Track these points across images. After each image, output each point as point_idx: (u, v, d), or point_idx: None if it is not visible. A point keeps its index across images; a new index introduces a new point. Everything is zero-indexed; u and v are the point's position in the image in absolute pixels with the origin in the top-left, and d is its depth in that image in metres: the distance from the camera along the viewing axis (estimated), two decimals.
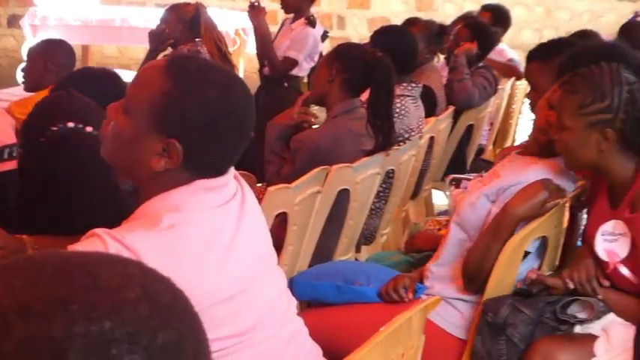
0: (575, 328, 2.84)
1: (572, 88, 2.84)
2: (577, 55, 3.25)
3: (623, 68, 2.84)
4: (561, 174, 3.07)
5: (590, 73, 2.83)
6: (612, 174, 2.88)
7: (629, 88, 2.80)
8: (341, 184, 3.85)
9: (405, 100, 4.96)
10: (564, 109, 2.85)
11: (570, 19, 11.38)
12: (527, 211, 2.92)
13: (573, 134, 2.84)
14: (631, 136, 2.81)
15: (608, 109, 2.79)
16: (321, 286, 3.21)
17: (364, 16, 11.77)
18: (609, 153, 2.83)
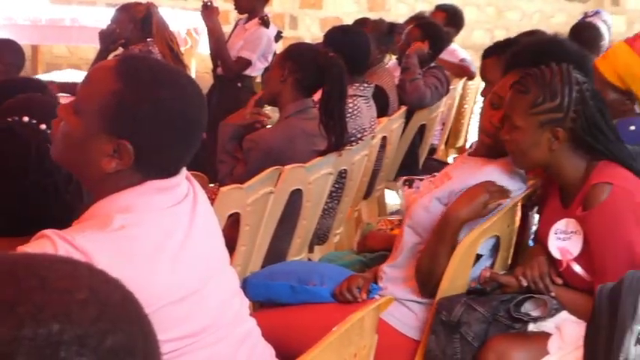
0: (529, 326, 2.86)
1: (523, 88, 2.86)
2: (520, 51, 3.26)
3: (573, 68, 2.86)
4: (512, 174, 3.09)
5: (541, 73, 2.85)
6: (563, 173, 2.90)
7: (579, 88, 2.82)
8: (294, 185, 3.85)
9: (357, 101, 4.96)
10: (515, 109, 2.86)
11: (521, 19, 11.46)
12: (469, 213, 2.94)
13: (524, 134, 2.86)
14: (581, 135, 2.83)
15: (558, 108, 2.81)
16: (274, 287, 3.20)
17: (316, 16, 11.77)
18: (560, 152, 2.85)
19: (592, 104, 2.83)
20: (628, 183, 2.79)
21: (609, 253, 2.71)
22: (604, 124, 2.84)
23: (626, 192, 2.75)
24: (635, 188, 2.78)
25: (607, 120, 2.86)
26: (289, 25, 11.69)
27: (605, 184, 2.76)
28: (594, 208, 2.75)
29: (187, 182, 2.10)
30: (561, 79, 2.83)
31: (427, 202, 3.08)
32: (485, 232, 2.98)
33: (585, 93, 2.83)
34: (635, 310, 2.32)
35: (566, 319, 2.83)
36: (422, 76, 6.20)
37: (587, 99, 2.82)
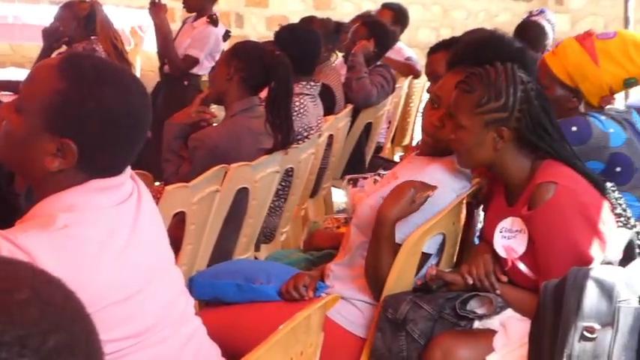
0: (475, 323, 2.87)
1: (468, 88, 2.87)
2: (460, 49, 3.28)
3: (517, 68, 2.89)
4: (456, 172, 3.10)
5: (486, 73, 2.86)
6: (508, 172, 2.92)
7: (524, 87, 2.84)
8: (240, 183, 3.84)
9: (303, 99, 4.97)
10: (460, 109, 2.88)
11: (466, 18, 11.55)
12: (398, 212, 2.95)
13: (469, 133, 2.87)
14: (526, 134, 2.85)
15: (503, 108, 2.83)
16: (220, 285, 3.18)
17: (262, 14, 11.76)
18: (505, 152, 2.87)
19: (537, 104, 2.85)
20: (572, 182, 2.81)
21: (554, 252, 2.73)
22: (548, 123, 2.86)
23: (570, 191, 2.78)
24: (579, 187, 2.80)
25: (551, 119, 2.88)
26: (235, 24, 11.66)
27: (550, 184, 2.78)
28: (539, 207, 2.77)
29: (132, 181, 2.09)
30: (506, 78, 2.85)
31: (373, 202, 3.09)
32: (431, 230, 2.99)
33: (530, 92, 2.85)
34: (578, 307, 2.34)
35: (511, 316, 2.85)
36: (368, 74, 6.22)
37: (531, 98, 2.84)
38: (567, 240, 2.73)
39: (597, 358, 2.33)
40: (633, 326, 2.33)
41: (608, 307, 2.33)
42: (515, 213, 2.88)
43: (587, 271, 2.39)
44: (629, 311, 2.32)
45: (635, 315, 2.33)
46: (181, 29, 6.95)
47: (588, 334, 2.33)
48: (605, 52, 3.44)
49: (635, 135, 3.43)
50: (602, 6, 11.75)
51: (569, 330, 2.34)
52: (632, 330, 2.33)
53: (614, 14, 11.14)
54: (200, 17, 6.78)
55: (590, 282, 2.35)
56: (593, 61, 3.42)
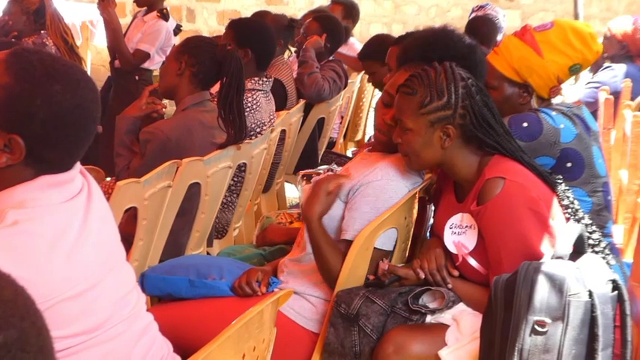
0: (427, 317, 2.88)
1: (410, 90, 2.89)
2: (409, 46, 3.29)
3: (455, 65, 2.90)
4: (407, 168, 3.10)
5: (425, 74, 2.88)
6: (457, 169, 2.93)
7: (465, 84, 2.86)
8: (192, 178, 3.82)
9: (256, 94, 4.96)
10: (404, 112, 2.89)
11: (418, 13, 11.59)
12: (319, 208, 2.98)
13: (416, 135, 2.89)
14: (471, 130, 2.87)
15: (446, 106, 2.85)
16: (173, 281, 3.17)
17: (214, 8, 11.72)
18: (452, 149, 2.89)
19: (479, 99, 2.87)
20: (520, 177, 2.83)
21: (504, 247, 2.75)
22: (492, 118, 2.88)
23: (518, 186, 2.79)
24: (527, 182, 2.82)
25: (495, 114, 2.90)
26: (187, 18, 11.61)
27: (499, 179, 2.80)
28: (488, 202, 2.79)
29: (82, 177, 2.07)
30: (446, 76, 2.87)
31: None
32: (382, 224, 2.99)
33: (471, 88, 2.87)
34: (529, 301, 2.36)
35: (463, 310, 2.86)
36: (320, 69, 6.22)
37: (473, 94, 2.86)
38: (517, 235, 2.75)
39: (548, 351, 2.35)
40: (583, 320, 2.35)
41: (559, 301, 2.35)
42: (464, 209, 2.89)
43: (538, 265, 2.40)
44: (579, 305, 2.35)
45: (585, 309, 2.35)
46: (132, 23, 6.91)
47: (539, 328, 2.35)
48: (547, 42, 3.47)
49: (586, 130, 3.46)
50: (552, 2, 11.85)
51: (520, 324, 2.36)
52: (582, 323, 2.35)
53: (564, 10, 11.26)
54: (150, 11, 6.74)
55: (540, 276, 2.36)
56: (536, 53, 3.45)
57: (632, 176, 5.12)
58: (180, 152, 3.84)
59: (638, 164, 5.12)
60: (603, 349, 2.35)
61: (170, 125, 4.05)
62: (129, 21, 7.07)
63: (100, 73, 7.90)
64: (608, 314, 2.37)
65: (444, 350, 2.79)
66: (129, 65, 6.57)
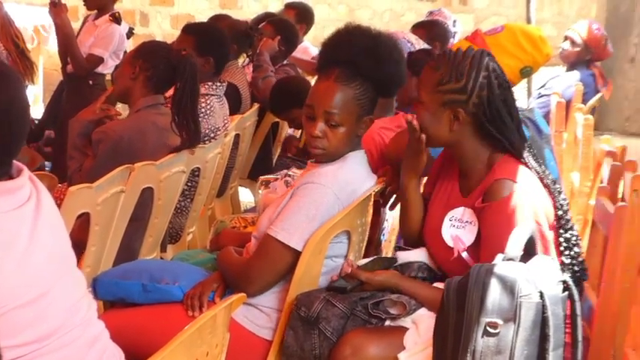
0: (387, 321, 2.89)
1: (435, 65, 2.92)
2: (320, 52, 3.28)
3: (487, 55, 2.91)
4: (356, 171, 3.09)
5: (454, 54, 2.91)
6: (465, 157, 2.94)
7: (487, 74, 2.86)
8: (145, 183, 3.80)
9: (210, 99, 4.95)
10: (424, 85, 2.93)
11: (372, 17, 11.63)
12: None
13: (426, 110, 2.92)
14: (483, 122, 2.88)
15: (462, 90, 2.86)
16: (125, 285, 3.14)
17: (168, 12, 11.67)
18: (463, 136, 2.90)
19: (498, 93, 2.87)
20: (529, 184, 2.84)
21: (499, 249, 2.75)
22: (507, 116, 2.89)
23: (526, 193, 2.81)
24: (534, 190, 2.84)
25: (512, 112, 2.90)
26: (140, 22, 11.55)
27: (509, 181, 2.81)
28: (494, 202, 2.80)
29: (30, 184, 2.05)
30: (471, 62, 2.87)
31: (272, 214, 3.08)
32: (335, 227, 2.99)
33: (493, 81, 2.87)
34: (481, 303, 2.37)
35: (423, 314, 2.87)
36: (274, 73, 6.21)
37: (493, 87, 2.86)
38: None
39: (500, 353, 2.37)
40: (535, 320, 2.36)
41: (510, 302, 2.36)
42: (467, 204, 2.91)
43: (490, 267, 2.42)
44: (530, 306, 2.36)
45: (536, 309, 2.36)
46: (82, 28, 6.85)
47: (491, 329, 2.36)
48: (498, 46, 3.50)
49: (538, 133, 3.49)
50: (505, 6, 11.94)
51: (473, 326, 2.37)
52: (533, 324, 2.36)
53: (517, 14, 11.34)
54: (101, 15, 6.68)
55: (492, 278, 2.38)
56: None
57: (584, 178, 5.17)
58: (133, 153, 3.83)
59: (589, 167, 5.18)
60: (554, 349, 2.37)
61: (123, 125, 4.05)
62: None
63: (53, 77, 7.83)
64: (559, 315, 2.39)
65: (403, 354, 2.79)
66: (82, 70, 6.52)
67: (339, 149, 3.07)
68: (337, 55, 3.11)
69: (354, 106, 3.03)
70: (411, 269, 3.00)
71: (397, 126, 3.89)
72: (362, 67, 3.05)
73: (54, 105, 6.96)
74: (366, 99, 3.05)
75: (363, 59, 3.05)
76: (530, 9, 8.06)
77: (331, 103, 3.02)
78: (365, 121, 3.08)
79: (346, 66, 3.07)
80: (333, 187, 3.01)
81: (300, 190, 3.02)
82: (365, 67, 3.05)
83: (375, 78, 3.07)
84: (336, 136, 3.03)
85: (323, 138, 3.03)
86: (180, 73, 4.07)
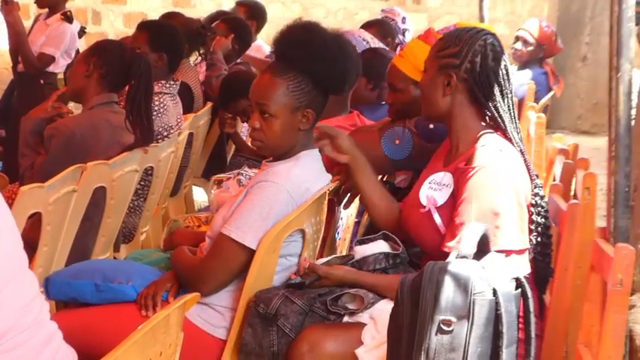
0: (345, 317, 2.89)
1: (442, 37, 3.07)
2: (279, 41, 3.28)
3: (491, 34, 3.01)
4: (309, 168, 3.09)
5: (461, 28, 3.07)
6: (455, 127, 3.00)
7: (484, 44, 2.95)
8: (97, 182, 3.78)
9: (163, 98, 4.93)
10: (430, 53, 3.05)
11: (326, 16, 11.63)
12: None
13: (427, 75, 3.03)
14: (474, 88, 2.95)
15: (457, 54, 2.94)
16: (78, 285, 3.11)
17: (120, 11, 11.59)
18: (455, 104, 2.98)
19: (492, 65, 2.95)
20: (513, 157, 2.92)
21: (475, 211, 2.80)
22: (497, 90, 2.95)
23: (509, 163, 2.88)
24: (516, 164, 2.91)
25: (503, 89, 2.97)
26: (92, 21, 11.47)
27: (494, 148, 2.89)
28: (477, 164, 2.85)
29: None
30: (471, 33, 2.99)
31: (226, 213, 3.07)
32: (289, 225, 2.99)
33: (488, 52, 2.95)
34: (435, 301, 2.37)
35: (381, 309, 2.87)
36: (228, 72, 6.19)
37: (487, 56, 2.94)
38: (492, 205, 2.82)
39: (454, 350, 2.37)
40: (488, 318, 2.37)
41: (464, 300, 2.37)
42: (450, 170, 2.96)
43: (444, 265, 2.42)
44: (483, 303, 2.37)
45: (490, 307, 2.38)
46: (34, 26, 6.79)
47: (445, 327, 2.37)
48: None
49: None
50: (458, 5, 11.99)
51: (427, 324, 2.37)
52: (486, 321, 2.37)
53: (470, 13, 11.39)
54: (53, 14, 6.63)
55: (446, 276, 2.38)
56: None
57: None
58: (85, 149, 3.84)
59: (542, 165, 5.22)
60: (507, 346, 2.38)
61: (75, 121, 4.06)
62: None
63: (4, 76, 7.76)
64: (512, 312, 2.40)
65: (361, 349, 2.80)
66: (33, 69, 6.47)
67: (278, 142, 3.05)
68: (275, 49, 3.13)
69: (287, 98, 3.03)
70: (368, 263, 3.00)
71: (351, 124, 3.90)
72: (294, 59, 3.05)
73: (5, 104, 6.91)
74: (301, 91, 3.04)
75: (295, 52, 3.05)
76: (483, 8, 8.09)
77: (263, 94, 3.03)
78: (304, 115, 3.06)
79: (282, 59, 3.08)
80: (286, 186, 3.01)
81: (254, 189, 3.02)
82: (297, 60, 3.05)
83: (311, 72, 3.05)
84: (270, 128, 3.03)
85: (260, 130, 3.04)
86: (135, 71, 4.07)
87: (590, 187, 3.27)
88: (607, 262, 2.48)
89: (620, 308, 2.39)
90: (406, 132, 3.47)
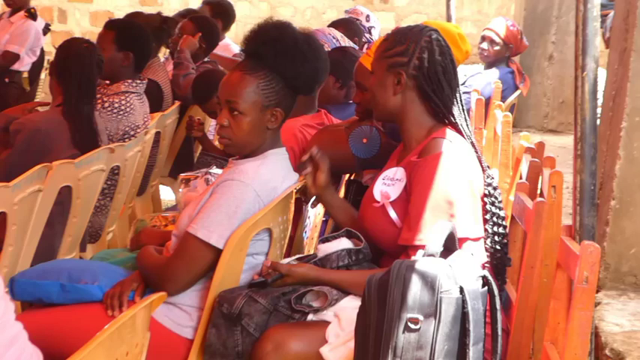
0: (309, 316, 2.89)
1: (386, 37, 3.07)
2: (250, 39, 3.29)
3: (434, 30, 3.02)
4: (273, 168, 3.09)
5: (404, 27, 3.08)
6: (406, 124, 3.02)
7: (429, 40, 2.98)
8: (63, 181, 3.76)
9: (130, 97, 4.91)
10: (375, 53, 3.08)
11: (293, 15, 11.64)
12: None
13: (376, 76, 3.04)
14: (424, 86, 2.97)
15: (404, 52, 2.97)
16: (44, 285, 3.09)
17: (86, 9, 11.54)
18: (405, 101, 3.00)
19: (439, 59, 2.97)
20: (464, 148, 2.95)
21: (430, 203, 2.83)
22: (446, 85, 2.98)
23: (461, 154, 2.92)
24: (468, 155, 2.94)
25: (452, 84, 2.99)
26: (58, 19, 11.41)
27: (445, 140, 2.92)
28: (429, 156, 2.89)
29: None
30: (415, 30, 3.02)
31: (192, 212, 3.06)
32: (256, 225, 2.98)
33: (434, 47, 2.98)
34: (402, 299, 2.38)
35: (345, 306, 2.87)
36: (195, 70, 6.17)
37: (434, 51, 2.97)
38: (446, 196, 2.84)
39: (421, 348, 2.38)
40: (455, 316, 2.38)
41: (431, 298, 2.38)
42: (402, 165, 2.98)
43: (411, 263, 2.43)
44: (450, 301, 2.38)
45: (457, 305, 2.39)
46: None
47: (412, 325, 2.37)
48: None
49: None
50: (425, 4, 12.04)
51: (394, 322, 2.38)
52: (453, 319, 2.38)
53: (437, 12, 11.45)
54: (17, 11, 6.59)
55: (413, 274, 2.39)
56: None
57: (503, 174, 5.23)
58: (49, 144, 3.87)
59: (509, 163, 5.24)
60: (474, 343, 2.39)
61: (41, 117, 4.12)
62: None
63: None
64: (479, 310, 2.42)
65: (325, 347, 2.80)
66: None
67: (246, 140, 3.05)
68: (246, 47, 3.13)
69: (257, 96, 3.03)
70: (331, 261, 3.00)
71: (319, 123, 3.90)
72: (265, 57, 3.05)
73: None
74: (271, 90, 3.04)
75: (266, 50, 3.05)
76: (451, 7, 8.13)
77: (232, 91, 3.03)
78: (273, 114, 3.06)
79: (252, 57, 3.07)
80: (253, 185, 3.00)
81: (221, 188, 3.01)
82: (268, 58, 3.04)
83: (281, 71, 3.05)
84: (239, 125, 3.02)
85: (228, 127, 3.03)
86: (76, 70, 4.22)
87: (556, 185, 3.28)
88: (573, 259, 2.49)
89: (586, 305, 2.41)
90: (373, 131, 3.48)
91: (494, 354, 2.49)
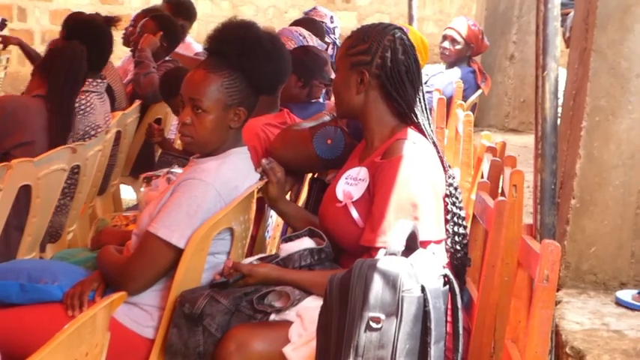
0: (272, 316, 2.89)
1: (350, 35, 3.07)
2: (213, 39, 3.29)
3: (398, 28, 3.03)
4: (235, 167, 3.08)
5: (367, 25, 3.07)
6: (369, 123, 3.03)
7: (393, 39, 2.98)
8: (22, 180, 3.73)
9: (90, 96, 4.88)
10: (339, 52, 3.09)
11: (256, 14, 11.62)
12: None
13: (339, 75, 3.04)
14: (387, 85, 2.97)
15: (367, 51, 2.97)
16: (3, 285, 3.06)
17: (46, 7, 11.46)
18: (369, 100, 3.01)
19: (402, 58, 2.98)
20: (426, 149, 2.96)
21: (392, 204, 2.84)
22: (409, 84, 2.99)
23: (423, 156, 2.93)
24: (430, 156, 2.95)
25: (414, 84, 3.00)
26: (18, 17, 11.31)
27: (408, 141, 2.93)
28: (392, 157, 2.89)
29: None
30: (379, 28, 3.01)
31: (152, 211, 3.04)
32: (217, 224, 2.97)
33: (397, 46, 2.98)
34: (364, 298, 2.38)
35: (307, 306, 2.87)
36: (157, 69, 6.14)
37: (397, 51, 2.97)
38: (408, 197, 2.85)
39: (383, 347, 2.38)
40: (416, 314, 2.39)
41: (393, 297, 2.38)
42: (365, 165, 2.98)
43: (373, 262, 2.43)
44: (412, 300, 2.38)
45: (418, 303, 2.39)
46: None
47: (374, 324, 2.37)
48: None
49: None
50: (387, 4, 12.06)
51: (356, 321, 2.38)
52: (415, 318, 2.39)
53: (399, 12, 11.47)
54: None
55: (375, 273, 2.39)
56: None
57: (465, 174, 5.25)
58: (16, 125, 4.03)
59: (470, 162, 5.26)
60: (436, 342, 2.40)
61: (8, 97, 4.20)
62: None
63: None
64: (440, 308, 2.42)
65: (288, 347, 2.80)
66: None
67: (208, 139, 3.04)
68: (210, 45, 3.11)
69: (220, 94, 3.02)
70: (293, 261, 3.00)
71: (281, 122, 3.90)
72: (229, 56, 3.04)
73: None
74: (234, 89, 3.04)
75: (230, 49, 3.04)
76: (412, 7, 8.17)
77: (196, 89, 3.02)
78: (236, 113, 3.05)
79: (216, 55, 3.07)
80: (214, 184, 2.99)
81: (182, 187, 3.00)
82: (232, 57, 3.04)
83: (245, 70, 3.05)
84: (202, 123, 3.02)
85: (190, 125, 3.02)
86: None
87: (517, 184, 3.30)
88: (534, 258, 2.51)
89: (547, 304, 2.42)
90: (338, 131, 3.48)
91: (456, 352, 2.50)
